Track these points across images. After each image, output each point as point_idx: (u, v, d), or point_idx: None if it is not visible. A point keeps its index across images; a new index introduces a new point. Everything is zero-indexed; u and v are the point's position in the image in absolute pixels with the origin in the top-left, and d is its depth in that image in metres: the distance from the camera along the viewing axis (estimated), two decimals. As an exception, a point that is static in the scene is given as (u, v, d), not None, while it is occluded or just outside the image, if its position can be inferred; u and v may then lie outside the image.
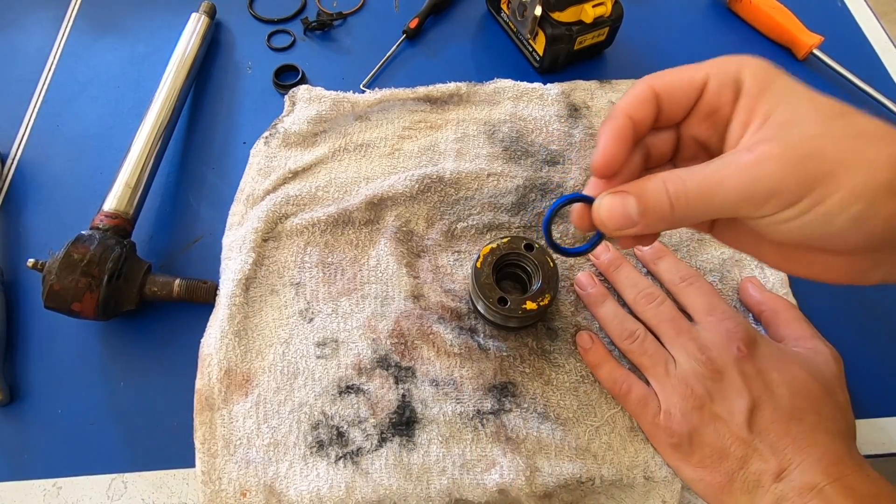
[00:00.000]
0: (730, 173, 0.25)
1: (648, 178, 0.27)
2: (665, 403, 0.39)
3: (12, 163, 0.56)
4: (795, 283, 0.48)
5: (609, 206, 0.28)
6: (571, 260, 0.49)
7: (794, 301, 0.47)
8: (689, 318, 0.43)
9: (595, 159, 0.29)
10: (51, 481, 0.42)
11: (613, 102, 0.56)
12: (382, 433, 0.41)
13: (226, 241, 0.49)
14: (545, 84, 0.57)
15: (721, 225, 0.32)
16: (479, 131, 0.54)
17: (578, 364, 0.44)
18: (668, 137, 0.32)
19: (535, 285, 0.43)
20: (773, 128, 0.26)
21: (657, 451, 0.40)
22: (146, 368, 0.46)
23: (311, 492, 0.39)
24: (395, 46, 0.62)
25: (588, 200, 0.30)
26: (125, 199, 0.47)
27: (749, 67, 0.28)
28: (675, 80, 0.29)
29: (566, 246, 0.32)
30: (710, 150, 0.30)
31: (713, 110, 0.29)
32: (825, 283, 0.29)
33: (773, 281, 0.47)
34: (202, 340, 0.44)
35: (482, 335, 0.45)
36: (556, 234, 0.50)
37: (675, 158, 0.32)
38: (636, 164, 0.31)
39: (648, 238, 0.31)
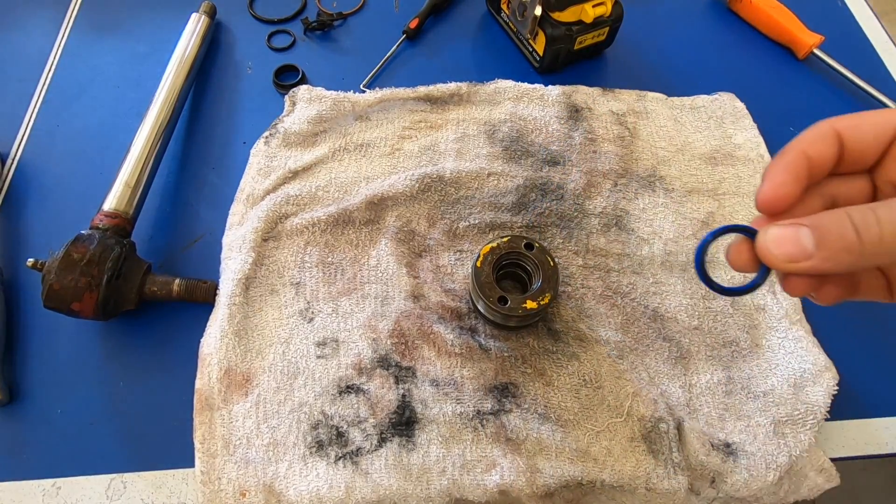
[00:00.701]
0: None
1: (826, 212, 0.24)
2: None
3: (12, 163, 0.56)
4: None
5: (777, 234, 0.25)
6: (574, 267, 0.49)
7: (808, 326, 0.46)
8: None
9: (763, 191, 0.26)
10: (50, 481, 0.42)
11: (614, 112, 0.56)
12: (382, 433, 0.41)
13: (226, 240, 0.49)
14: (546, 85, 0.57)
15: None
16: (480, 131, 0.54)
17: (580, 366, 0.44)
18: (860, 186, 0.28)
19: (536, 284, 0.43)
20: None
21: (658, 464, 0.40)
22: (146, 368, 0.46)
23: (310, 492, 0.39)
24: (395, 46, 0.62)
25: (749, 231, 0.27)
26: (125, 199, 0.47)
27: None
28: (861, 118, 0.26)
29: (729, 285, 0.29)
30: None
31: None
32: None
33: (787, 306, 0.47)
34: (202, 340, 0.44)
35: (483, 335, 0.45)
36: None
37: None
38: (812, 212, 0.26)
39: (827, 288, 0.26)
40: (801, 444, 0.41)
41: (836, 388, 0.42)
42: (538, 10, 0.55)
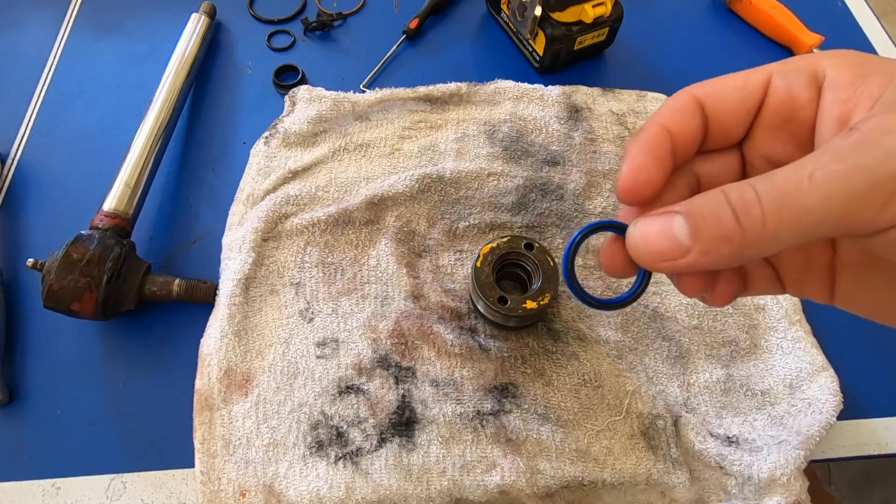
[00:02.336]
0: (832, 160, 0.17)
1: (702, 194, 0.20)
2: None
3: (12, 163, 0.56)
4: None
5: (646, 229, 0.21)
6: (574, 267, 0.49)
7: (808, 327, 0.45)
8: None
9: (621, 177, 0.22)
10: (50, 481, 0.42)
11: (614, 112, 0.56)
12: (382, 433, 0.41)
13: (226, 240, 0.49)
14: (546, 85, 0.57)
15: (850, 274, 0.22)
16: (479, 131, 0.54)
17: (580, 366, 0.44)
18: (727, 163, 0.24)
19: (536, 284, 0.43)
20: (890, 104, 0.18)
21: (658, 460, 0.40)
22: (146, 368, 0.46)
23: (310, 492, 0.39)
24: (395, 46, 0.62)
25: (619, 227, 0.23)
26: (125, 199, 0.47)
27: (827, 58, 0.21)
28: (722, 84, 0.22)
29: (602, 297, 0.24)
30: None
31: (788, 116, 0.22)
32: None
33: (786, 306, 0.46)
34: (202, 340, 0.44)
35: (483, 335, 0.45)
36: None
37: None
38: (681, 199, 0.23)
39: (720, 287, 0.23)
40: (802, 428, 0.40)
41: (836, 386, 0.42)
42: (538, 11, 0.55)
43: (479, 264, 0.43)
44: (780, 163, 0.22)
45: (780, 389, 0.43)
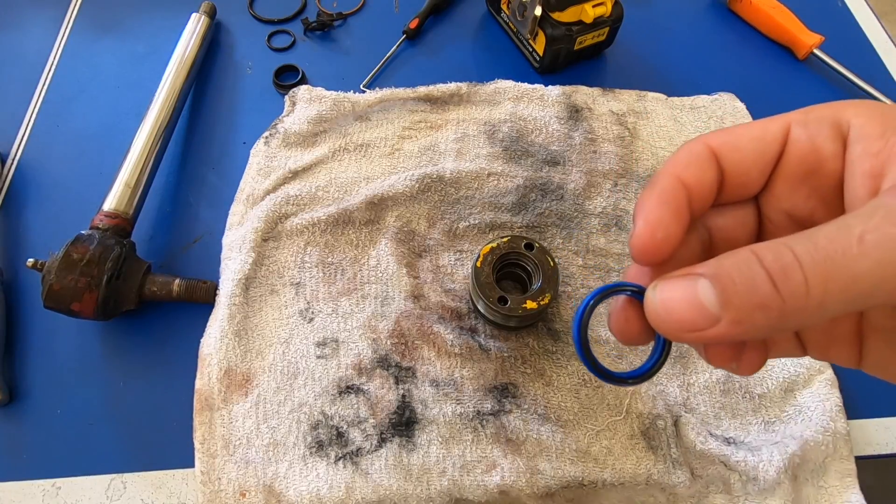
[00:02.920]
0: (885, 221, 0.15)
1: (728, 254, 0.17)
2: None
3: (12, 163, 0.56)
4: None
5: (668, 294, 0.18)
6: (574, 267, 0.49)
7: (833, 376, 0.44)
8: None
9: (637, 234, 0.20)
10: (50, 481, 0.42)
11: (614, 112, 0.56)
12: (382, 433, 0.41)
13: (226, 240, 0.49)
14: (546, 85, 0.57)
15: (880, 340, 0.20)
16: (480, 131, 0.54)
17: (580, 366, 0.44)
18: (742, 216, 0.22)
19: (536, 284, 0.43)
20: None
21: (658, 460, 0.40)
22: (146, 368, 0.46)
23: (310, 492, 0.39)
24: (395, 46, 0.62)
25: (635, 290, 0.20)
26: (125, 199, 0.47)
27: (850, 107, 0.19)
28: (738, 133, 0.21)
29: (619, 371, 0.22)
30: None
31: (811, 168, 0.20)
32: None
33: None
34: (202, 340, 0.44)
35: (483, 335, 0.45)
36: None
37: None
38: (693, 255, 0.21)
39: (749, 355, 0.21)
40: (795, 432, 0.40)
41: (833, 390, 0.42)
42: (538, 11, 0.55)
43: (479, 264, 0.43)
44: (801, 218, 0.21)
45: (777, 394, 0.43)
